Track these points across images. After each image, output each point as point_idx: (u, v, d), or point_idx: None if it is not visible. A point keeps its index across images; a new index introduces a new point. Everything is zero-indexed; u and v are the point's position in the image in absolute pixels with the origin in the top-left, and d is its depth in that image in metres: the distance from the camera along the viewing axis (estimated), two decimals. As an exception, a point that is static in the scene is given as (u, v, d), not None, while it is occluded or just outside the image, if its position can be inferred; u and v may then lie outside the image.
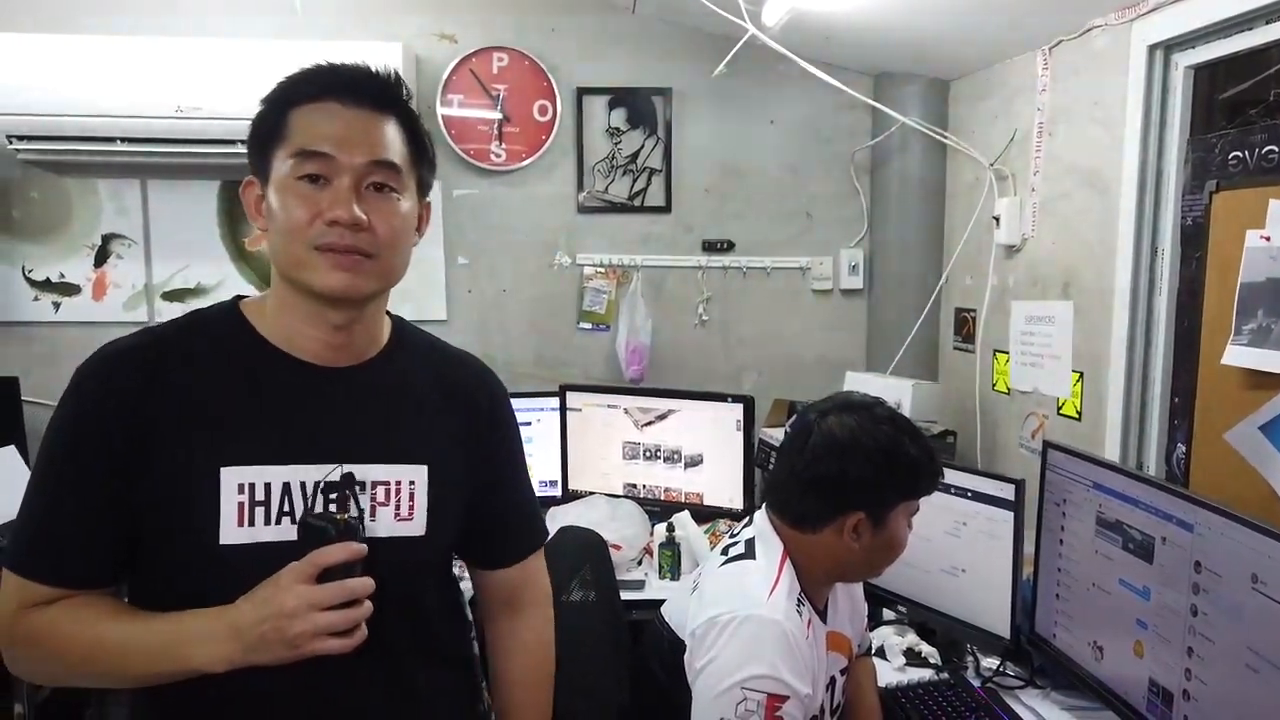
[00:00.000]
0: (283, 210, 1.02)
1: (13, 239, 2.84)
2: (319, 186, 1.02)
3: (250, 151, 1.08)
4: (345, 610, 0.97)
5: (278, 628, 0.95)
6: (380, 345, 1.16)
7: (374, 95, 1.06)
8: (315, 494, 1.06)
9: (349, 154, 1.02)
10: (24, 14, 2.71)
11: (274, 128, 1.04)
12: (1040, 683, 1.87)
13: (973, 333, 2.77)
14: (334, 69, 1.06)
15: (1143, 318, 2.07)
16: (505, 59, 2.93)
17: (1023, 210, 2.47)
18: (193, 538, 1.02)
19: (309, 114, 1.03)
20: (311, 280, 1.03)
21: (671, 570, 2.42)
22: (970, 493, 1.91)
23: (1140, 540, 1.56)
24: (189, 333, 1.09)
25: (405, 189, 1.08)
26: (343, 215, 1.01)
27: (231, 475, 1.02)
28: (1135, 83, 2.04)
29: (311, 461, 1.06)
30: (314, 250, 1.02)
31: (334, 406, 1.10)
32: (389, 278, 1.09)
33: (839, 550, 1.46)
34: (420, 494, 1.13)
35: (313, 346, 1.09)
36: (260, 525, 1.03)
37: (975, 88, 2.76)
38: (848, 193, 3.08)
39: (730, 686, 1.34)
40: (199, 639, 0.98)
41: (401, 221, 1.07)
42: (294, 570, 0.97)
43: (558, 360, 3.10)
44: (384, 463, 1.11)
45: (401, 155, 1.07)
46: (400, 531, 1.11)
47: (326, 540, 0.98)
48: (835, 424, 1.44)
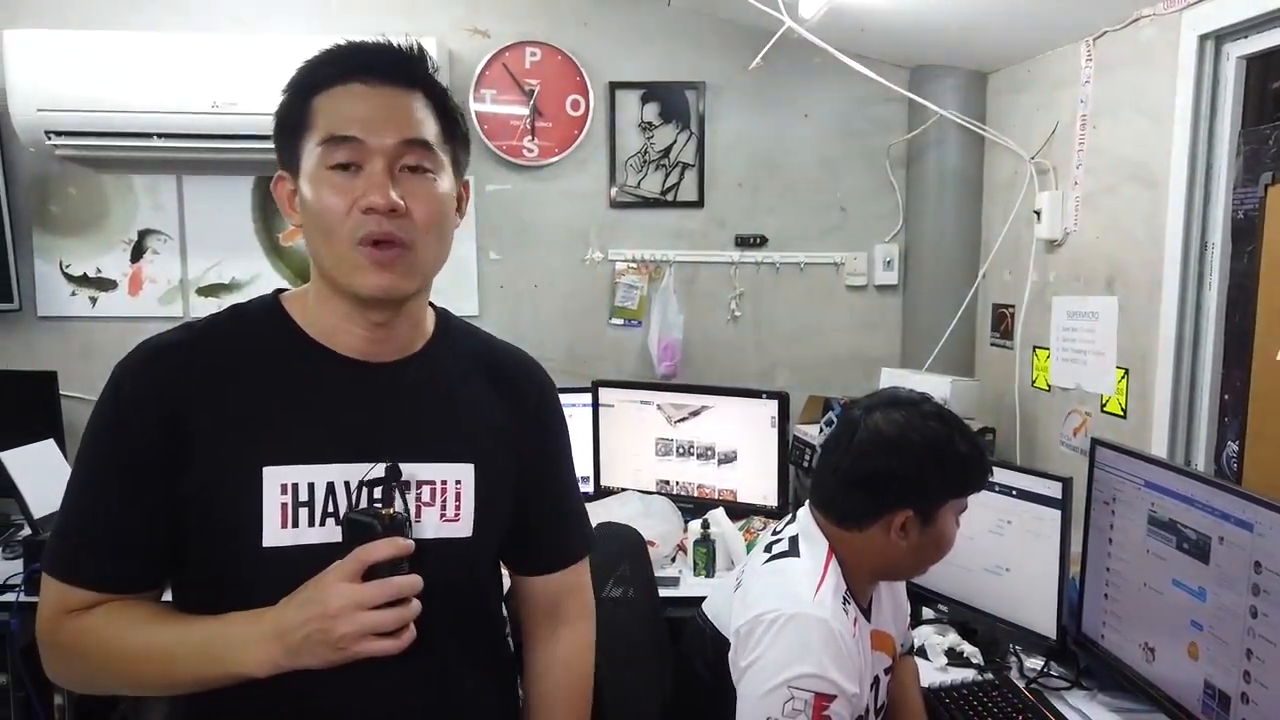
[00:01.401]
0: (316, 203, 0.98)
1: (51, 234, 2.86)
2: (351, 174, 0.97)
3: (277, 144, 1.04)
4: (393, 609, 0.92)
5: (322, 629, 0.91)
6: (425, 338, 1.12)
7: (399, 72, 1.01)
8: (361, 491, 1.02)
9: (379, 135, 0.97)
10: (61, 11, 2.73)
11: (299, 116, 1.00)
12: (1086, 684, 1.84)
13: (1011, 329, 2.73)
14: (354, 48, 1.02)
15: (1191, 313, 2.03)
16: (538, 54, 2.92)
17: (1064, 204, 2.43)
18: (235, 540, 0.99)
19: (333, 98, 0.99)
20: (352, 281, 0.99)
21: (706, 567, 2.41)
22: (1015, 490, 1.88)
23: (1196, 540, 1.53)
24: (230, 328, 1.06)
25: (441, 168, 1.03)
26: (378, 201, 0.96)
27: (274, 475, 0.99)
28: (1185, 74, 2.00)
29: (355, 460, 1.02)
30: (356, 248, 0.97)
31: (377, 403, 1.06)
32: (431, 268, 1.05)
33: (885, 548, 1.44)
34: (467, 494, 1.08)
35: (354, 342, 1.05)
36: (304, 526, 1.00)
37: (1015, 80, 2.72)
38: (883, 187, 3.05)
39: (777, 685, 1.32)
40: (242, 643, 0.94)
41: (440, 203, 1.02)
42: (338, 569, 0.93)
43: (589, 356, 3.09)
44: (430, 461, 1.06)
45: (433, 132, 1.02)
46: (447, 533, 1.07)
47: (372, 536, 0.94)
48: (883, 420, 1.41)
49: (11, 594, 2.21)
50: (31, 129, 2.56)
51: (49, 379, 2.72)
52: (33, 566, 2.19)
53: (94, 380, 2.94)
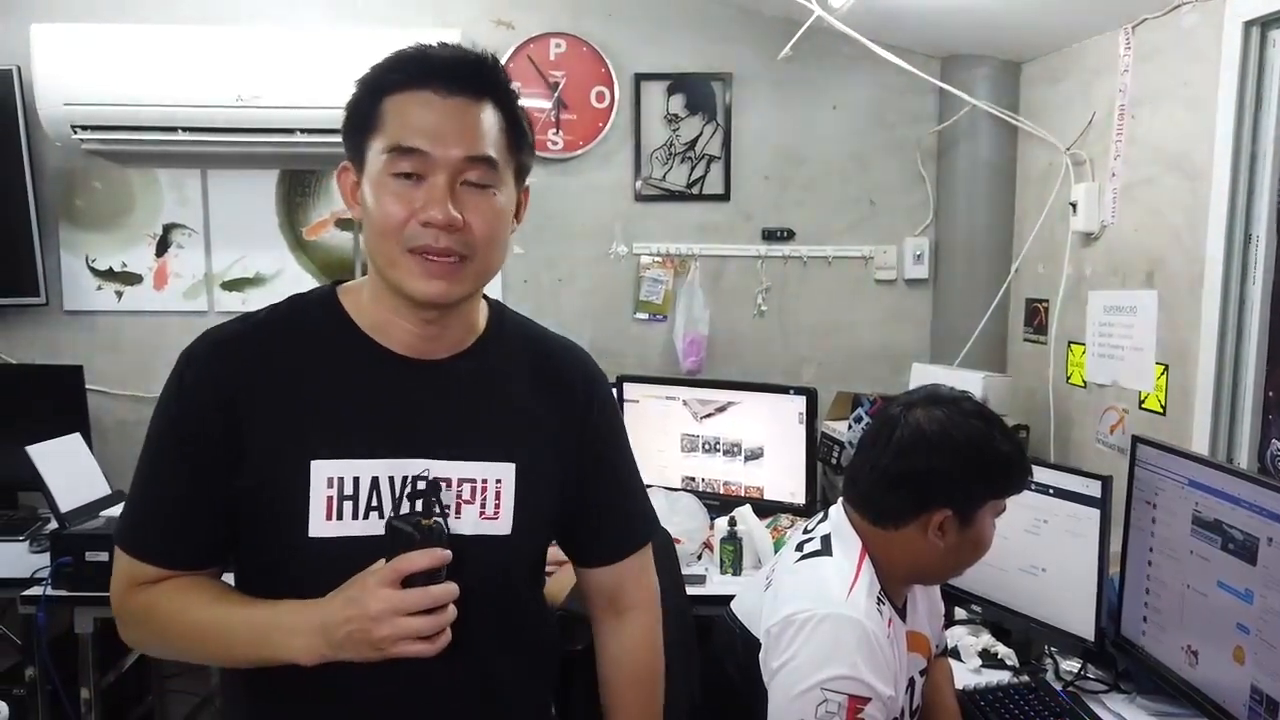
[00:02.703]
0: (377, 207, 1.01)
1: (77, 229, 2.86)
2: (413, 184, 0.99)
3: (345, 137, 1.06)
4: (430, 616, 0.96)
5: (363, 629, 0.95)
6: (477, 333, 1.14)
7: (470, 82, 1.02)
8: (401, 493, 1.05)
9: (444, 148, 0.99)
10: (88, 5, 2.73)
11: (368, 115, 1.01)
12: (1125, 687, 1.80)
13: (1045, 324, 2.68)
14: (427, 54, 1.02)
15: (1234, 307, 1.98)
16: (563, 45, 2.89)
17: (1102, 196, 2.38)
18: (283, 529, 1.03)
19: (403, 104, 1.00)
20: (403, 284, 1.01)
21: (733, 565, 2.38)
22: (1052, 489, 1.84)
23: (1242, 540, 1.48)
24: (286, 320, 1.09)
25: (503, 183, 1.04)
26: (438, 217, 0.98)
27: (321, 468, 1.02)
28: (1229, 62, 1.95)
29: (399, 456, 1.05)
30: (407, 253, 1.00)
31: (424, 401, 1.08)
32: (484, 277, 1.07)
33: (921, 549, 1.41)
34: (507, 493, 1.11)
35: (406, 338, 1.07)
36: (349, 519, 1.03)
37: (1050, 69, 2.67)
38: (913, 179, 3.00)
39: (810, 687, 1.30)
40: (291, 631, 0.98)
41: (498, 219, 1.04)
42: (380, 574, 0.96)
43: (614, 351, 3.05)
44: (471, 460, 1.09)
45: (499, 146, 1.03)
46: (485, 530, 1.10)
47: (410, 545, 0.97)
48: (923, 417, 1.38)
49: (39, 587, 2.21)
50: (58, 123, 2.57)
51: (75, 373, 2.73)
52: (60, 560, 2.19)
53: (120, 374, 2.98)
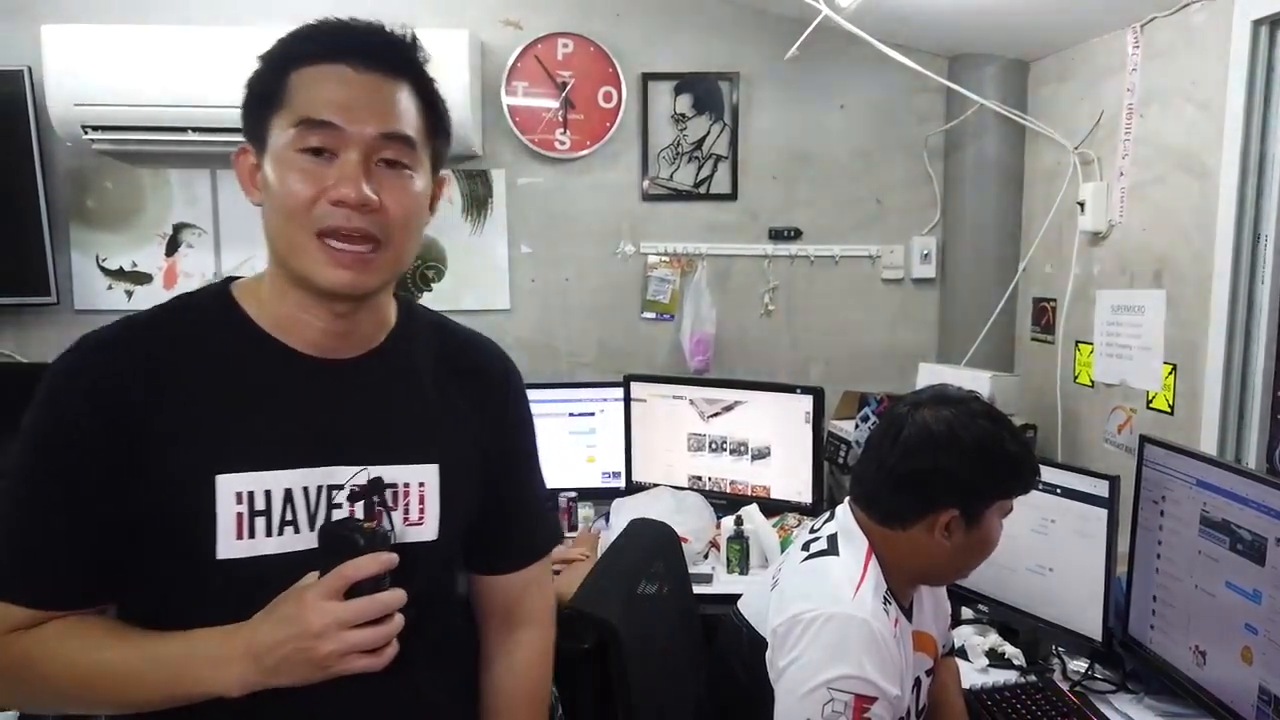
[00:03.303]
0: (281, 186, 0.92)
1: (88, 228, 2.88)
2: (323, 160, 0.91)
3: (244, 116, 0.96)
4: (377, 627, 0.89)
5: (303, 648, 0.86)
6: (388, 329, 1.06)
7: (388, 58, 0.95)
8: (322, 497, 0.97)
9: (358, 124, 0.91)
10: (98, 6, 2.74)
11: (272, 91, 0.93)
12: (1133, 687, 1.80)
13: (1053, 323, 2.67)
14: (342, 26, 0.95)
15: (1243, 307, 1.97)
16: (570, 45, 2.90)
17: (1110, 195, 2.37)
18: (188, 552, 0.93)
19: (313, 77, 0.92)
20: (310, 273, 0.93)
21: (740, 564, 2.38)
22: (1059, 489, 1.83)
23: (1251, 541, 1.48)
24: (175, 321, 0.98)
25: (419, 165, 0.98)
26: (350, 195, 0.90)
27: (228, 483, 0.93)
28: (1237, 61, 1.94)
29: (313, 465, 0.97)
30: (315, 238, 0.91)
31: (336, 403, 1.00)
32: (398, 266, 0.99)
33: (928, 548, 1.41)
34: (431, 496, 1.04)
35: (313, 336, 0.99)
36: (261, 537, 0.94)
37: (1058, 68, 2.66)
38: (920, 179, 2.99)
39: (816, 687, 1.30)
40: (212, 661, 0.89)
41: (415, 201, 0.97)
42: (320, 586, 0.88)
43: (621, 350, 3.06)
44: (392, 463, 1.01)
45: (417, 127, 0.96)
46: (411, 537, 1.02)
47: (354, 551, 0.89)
48: (930, 417, 1.38)
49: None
50: (69, 123, 2.58)
51: (86, 372, 2.74)
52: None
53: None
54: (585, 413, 2.84)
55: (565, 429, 2.83)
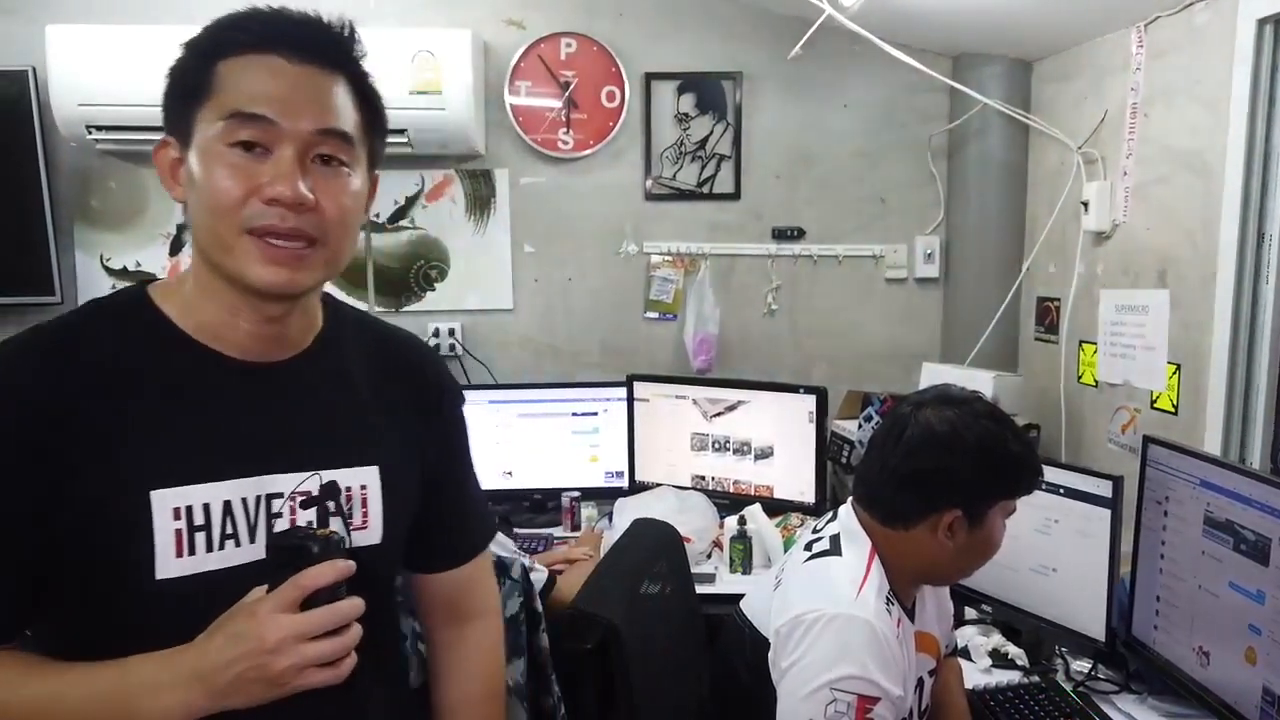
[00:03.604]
0: (209, 182, 0.86)
1: (92, 228, 2.88)
2: (255, 156, 0.86)
3: (166, 106, 0.91)
4: (335, 638, 0.85)
5: (258, 666, 0.82)
6: (315, 330, 1.02)
7: (324, 50, 0.90)
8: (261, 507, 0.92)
9: (294, 119, 0.87)
10: (102, 6, 2.75)
11: (198, 81, 0.88)
12: (1136, 687, 1.79)
13: (1056, 323, 2.67)
14: (276, 15, 0.90)
15: (1248, 307, 1.97)
16: (573, 45, 2.90)
17: (1114, 195, 2.37)
18: (123, 574, 0.87)
19: (244, 68, 0.87)
20: (241, 271, 0.88)
21: (743, 564, 2.38)
22: (1063, 489, 1.83)
23: (1254, 541, 1.48)
24: (94, 329, 0.92)
25: (357, 162, 0.93)
26: (285, 193, 0.86)
27: (164, 498, 0.87)
28: (1242, 59, 1.93)
29: (252, 474, 0.92)
30: (245, 235, 0.87)
31: (273, 409, 0.96)
32: (334, 266, 0.94)
33: (931, 549, 1.41)
34: (373, 498, 1.01)
35: (242, 340, 0.94)
36: (202, 553, 0.89)
37: (1061, 68, 2.66)
38: (923, 178, 2.99)
39: (819, 687, 1.30)
40: (153, 688, 0.83)
41: (352, 201, 0.93)
42: (273, 598, 0.83)
43: (624, 350, 3.06)
44: (333, 468, 0.98)
45: (354, 123, 0.92)
46: (356, 541, 0.99)
47: (309, 560, 0.85)
48: (933, 417, 1.38)
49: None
50: (73, 123, 2.59)
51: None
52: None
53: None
54: (588, 412, 2.84)
55: (568, 429, 2.84)
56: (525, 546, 2.48)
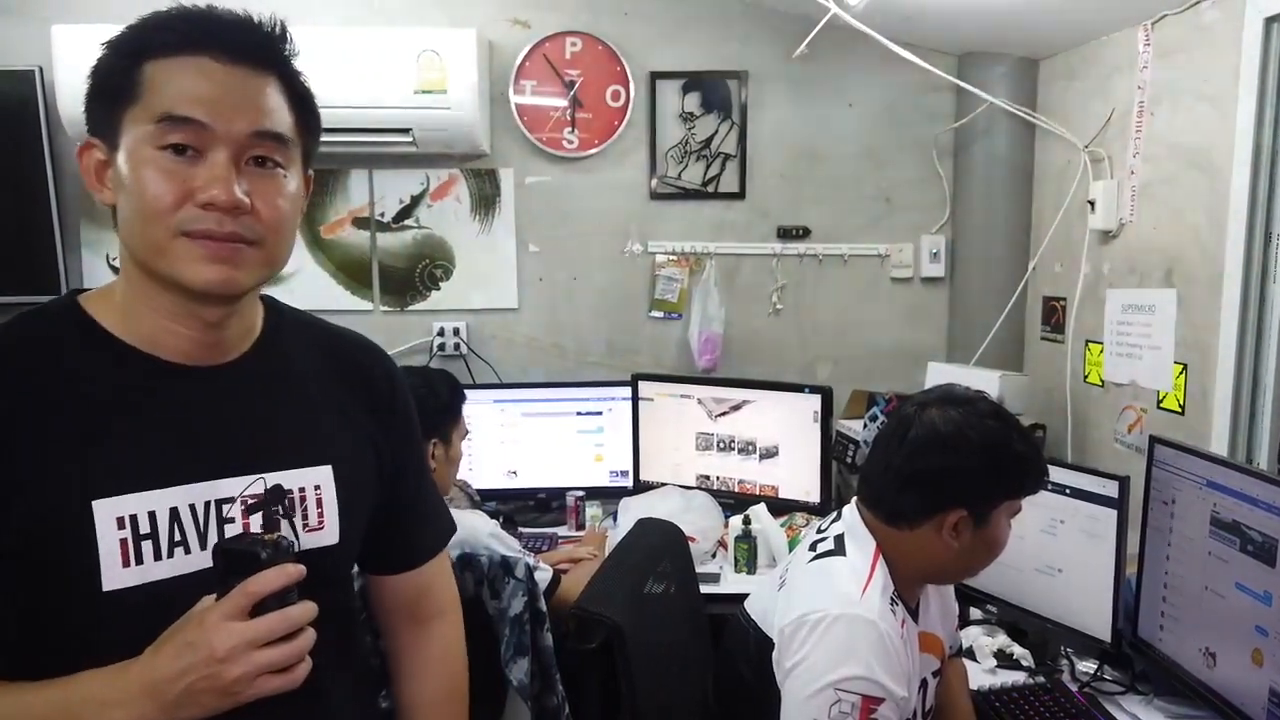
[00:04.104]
0: (139, 187, 0.84)
1: (98, 227, 2.89)
2: (187, 160, 0.84)
3: (90, 107, 0.89)
4: (288, 643, 0.83)
5: (210, 675, 0.80)
6: (255, 333, 0.99)
7: (255, 50, 0.88)
8: (211, 513, 0.91)
9: (227, 122, 0.85)
10: (108, 6, 2.75)
11: (123, 82, 0.85)
12: (1142, 688, 1.79)
13: (1062, 322, 2.66)
14: (204, 15, 0.88)
15: (1255, 306, 1.96)
16: (578, 44, 2.90)
17: (1120, 194, 2.36)
18: (70, 588, 0.85)
19: (173, 69, 0.85)
20: (179, 273, 0.86)
21: (748, 564, 2.38)
22: (1069, 489, 1.82)
23: (1261, 542, 1.47)
24: (25, 341, 0.90)
25: (292, 163, 0.92)
26: (221, 197, 0.84)
27: (106, 508, 0.85)
28: (1249, 58, 1.92)
29: (198, 480, 0.90)
30: (180, 236, 0.85)
31: (217, 412, 0.93)
32: (271, 267, 0.92)
33: (936, 549, 1.40)
34: (328, 498, 0.99)
35: (181, 344, 0.92)
36: (150, 562, 0.87)
37: (1068, 66, 2.65)
38: (929, 177, 2.98)
39: (823, 687, 1.29)
40: (102, 704, 0.81)
41: (288, 202, 0.91)
42: (222, 606, 0.82)
43: (629, 349, 3.06)
44: (283, 469, 0.96)
45: (287, 124, 0.91)
46: (312, 543, 0.97)
47: (256, 566, 0.83)
48: (938, 417, 1.37)
49: None
50: (79, 123, 2.53)
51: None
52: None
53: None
54: (593, 411, 2.84)
55: (573, 428, 2.84)
56: (530, 546, 2.48)
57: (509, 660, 1.87)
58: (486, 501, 2.58)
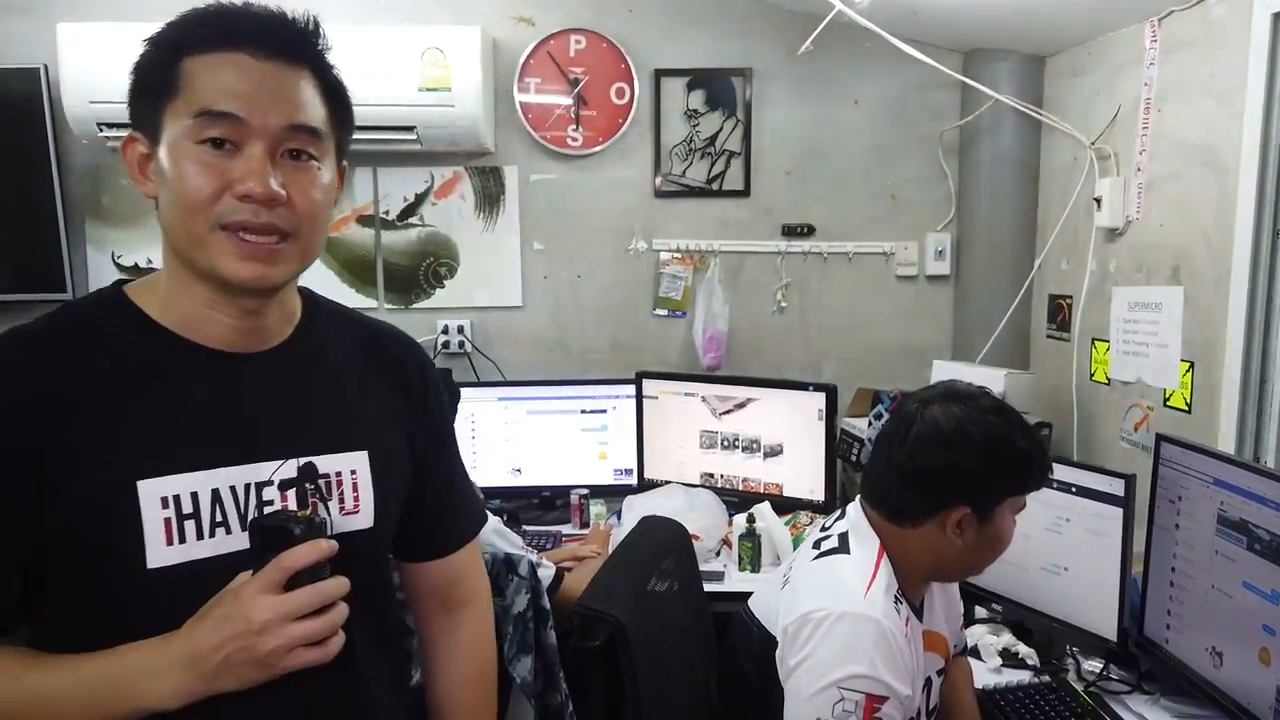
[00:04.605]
0: (180, 180, 0.87)
1: (103, 225, 2.90)
2: (225, 153, 0.88)
3: (132, 102, 0.92)
4: (321, 617, 0.87)
5: (246, 647, 0.84)
6: (294, 323, 1.03)
7: (288, 45, 0.91)
8: (251, 495, 0.94)
9: (262, 116, 0.88)
10: (113, 4, 2.75)
11: (165, 77, 0.88)
12: (1148, 688, 1.78)
13: (1068, 320, 2.65)
14: (240, 11, 0.91)
15: (1262, 304, 1.95)
16: (583, 41, 2.89)
17: (1127, 191, 2.35)
18: (115, 565, 0.89)
19: (211, 65, 0.88)
20: (216, 266, 0.89)
21: (752, 562, 2.37)
22: (1074, 488, 1.81)
23: (1269, 540, 1.46)
24: (74, 329, 0.93)
25: (326, 155, 0.95)
26: (257, 190, 0.87)
27: (151, 488, 0.88)
28: (1257, 54, 1.91)
29: (238, 463, 0.94)
30: (219, 230, 0.88)
31: (257, 398, 0.97)
32: (306, 259, 0.96)
33: (939, 546, 1.40)
34: (364, 482, 1.02)
35: (221, 332, 0.95)
36: (192, 541, 0.90)
37: (1074, 63, 2.64)
38: (934, 175, 2.97)
39: (827, 686, 1.29)
40: (146, 674, 0.85)
41: (323, 194, 0.94)
42: (257, 580, 0.86)
43: (633, 347, 3.06)
44: (321, 453, 0.99)
45: (321, 117, 0.94)
46: (347, 526, 1.00)
47: (290, 541, 0.86)
48: (940, 414, 1.37)
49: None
50: (84, 121, 2.60)
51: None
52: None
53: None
54: (597, 410, 2.84)
55: (577, 426, 2.83)
56: (533, 543, 2.47)
57: (512, 658, 1.87)
58: (490, 499, 2.58)
